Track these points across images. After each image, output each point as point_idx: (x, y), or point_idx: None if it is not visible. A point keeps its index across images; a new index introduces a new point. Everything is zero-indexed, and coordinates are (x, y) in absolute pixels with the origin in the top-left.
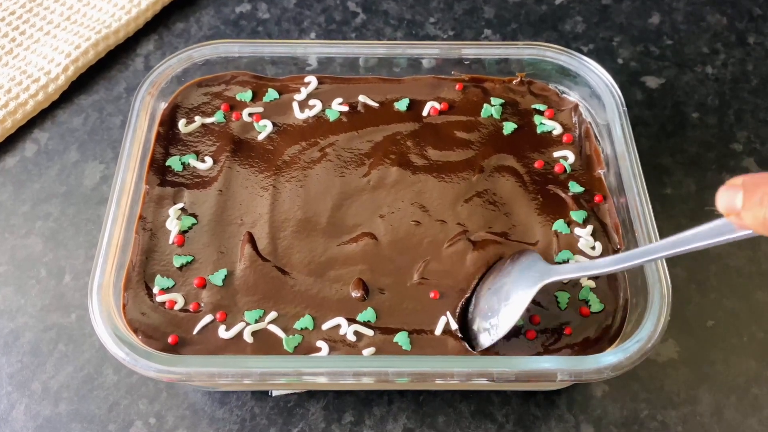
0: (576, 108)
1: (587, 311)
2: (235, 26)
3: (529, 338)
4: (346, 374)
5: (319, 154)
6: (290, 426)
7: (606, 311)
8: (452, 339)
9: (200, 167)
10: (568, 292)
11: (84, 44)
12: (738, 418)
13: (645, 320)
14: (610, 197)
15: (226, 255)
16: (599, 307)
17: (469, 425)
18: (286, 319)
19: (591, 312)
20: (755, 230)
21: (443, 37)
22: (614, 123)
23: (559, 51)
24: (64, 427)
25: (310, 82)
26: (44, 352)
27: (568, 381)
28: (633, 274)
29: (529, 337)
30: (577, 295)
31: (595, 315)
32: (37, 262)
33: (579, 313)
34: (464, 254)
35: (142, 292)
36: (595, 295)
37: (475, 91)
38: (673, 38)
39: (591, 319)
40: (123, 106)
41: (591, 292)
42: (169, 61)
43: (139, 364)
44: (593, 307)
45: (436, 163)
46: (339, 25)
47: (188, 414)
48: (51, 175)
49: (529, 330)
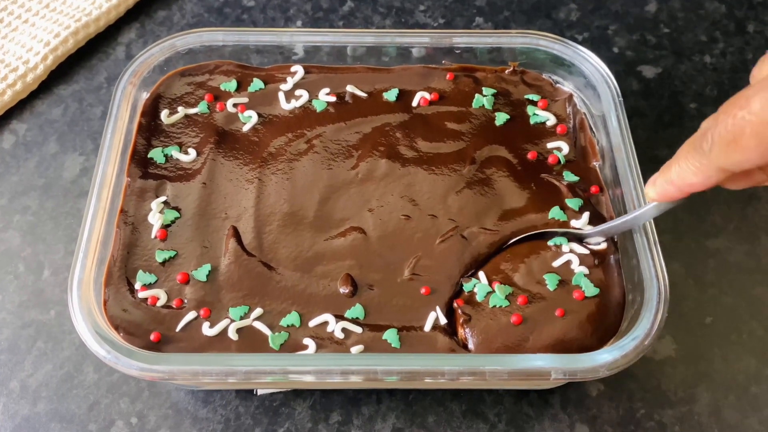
0: (570, 98)
1: (582, 295)
2: (219, 14)
3: (515, 323)
4: (334, 373)
5: (305, 146)
6: (276, 426)
7: (602, 295)
8: (442, 335)
9: (183, 159)
10: (558, 275)
11: (63, 32)
12: (737, 418)
13: (641, 317)
14: (606, 189)
15: (210, 250)
16: (594, 291)
17: (460, 425)
18: (272, 315)
19: (585, 296)
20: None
21: (433, 25)
22: (610, 114)
23: (553, 40)
24: (43, 426)
25: (297, 71)
26: (22, 350)
27: (562, 380)
28: (629, 270)
29: (515, 322)
30: (570, 281)
31: (591, 300)
32: (15, 257)
33: (572, 296)
34: (457, 251)
35: (124, 287)
36: (589, 281)
37: (467, 81)
38: (671, 26)
39: (586, 303)
40: (103, 96)
41: (585, 278)
42: (151, 50)
43: (121, 362)
44: (587, 291)
45: (427, 155)
46: (326, 12)
47: (171, 413)
48: (29, 168)
49: (516, 313)
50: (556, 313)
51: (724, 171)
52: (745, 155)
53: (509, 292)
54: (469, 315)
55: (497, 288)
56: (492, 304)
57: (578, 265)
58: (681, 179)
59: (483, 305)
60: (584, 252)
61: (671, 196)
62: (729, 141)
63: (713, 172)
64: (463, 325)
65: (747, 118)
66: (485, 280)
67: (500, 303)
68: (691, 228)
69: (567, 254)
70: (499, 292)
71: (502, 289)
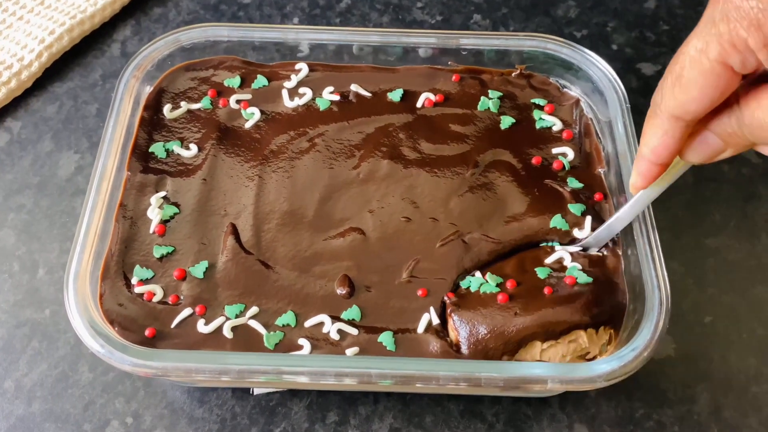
0: (577, 103)
1: (573, 280)
2: (215, 11)
3: (501, 302)
4: (328, 374)
5: (307, 145)
6: (272, 426)
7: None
8: (434, 337)
9: (184, 154)
10: (549, 269)
11: (58, 29)
12: (737, 418)
13: (642, 327)
14: (610, 197)
15: (208, 246)
16: (587, 279)
17: (457, 425)
18: (267, 314)
19: (577, 282)
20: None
21: (431, 22)
22: (617, 120)
23: (561, 43)
24: (38, 426)
25: (301, 69)
26: (17, 349)
27: (558, 388)
28: (631, 280)
29: (502, 300)
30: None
31: (582, 287)
32: (10, 256)
33: (563, 281)
34: (457, 255)
35: (120, 282)
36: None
37: (473, 83)
38: (670, 23)
39: (577, 289)
40: (99, 93)
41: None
42: (155, 44)
43: (114, 357)
44: (580, 278)
45: (429, 157)
46: (323, 9)
47: (166, 413)
48: (24, 166)
49: (503, 293)
50: (545, 290)
51: (677, 119)
52: (689, 92)
53: (500, 281)
54: (457, 304)
55: (488, 277)
56: (482, 291)
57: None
58: (648, 148)
59: (473, 293)
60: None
61: (650, 172)
62: (673, 81)
63: (668, 124)
64: (451, 314)
65: (684, 51)
66: (479, 275)
67: (490, 290)
68: (690, 226)
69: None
70: (491, 280)
71: (493, 278)
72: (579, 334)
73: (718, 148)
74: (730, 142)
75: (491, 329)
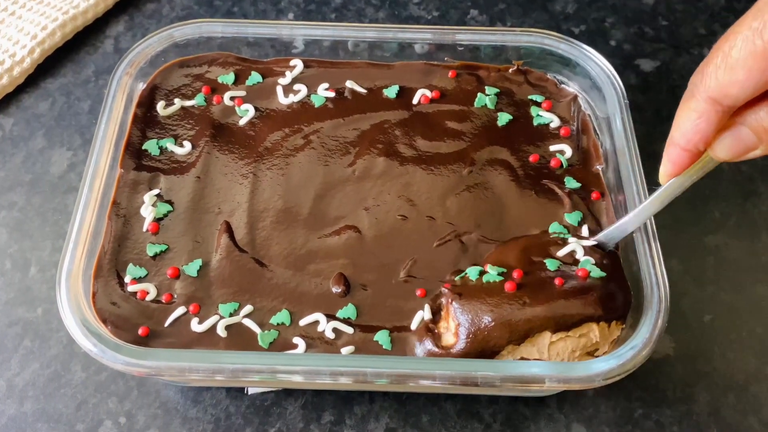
0: (575, 99)
1: (586, 273)
2: (209, 6)
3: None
4: (323, 373)
5: (302, 142)
6: (267, 426)
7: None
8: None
9: (178, 152)
10: (559, 262)
11: (51, 25)
12: (736, 418)
13: (640, 326)
14: (608, 194)
15: (202, 245)
16: (600, 274)
17: (454, 425)
18: (262, 313)
19: (590, 275)
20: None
21: (427, 17)
22: (615, 116)
23: (558, 39)
24: (30, 426)
25: (296, 65)
26: (9, 348)
27: (556, 387)
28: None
29: (509, 289)
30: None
31: (595, 280)
32: (2, 254)
33: (575, 274)
34: (454, 255)
35: (113, 280)
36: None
37: (469, 79)
38: (669, 19)
39: (590, 281)
40: (92, 90)
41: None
42: (148, 40)
43: (107, 356)
44: (593, 272)
45: (426, 155)
46: (318, 5)
47: (160, 413)
48: (16, 163)
49: (511, 281)
50: (556, 281)
51: (715, 102)
52: (735, 74)
53: (502, 271)
54: (459, 292)
55: (489, 268)
56: (485, 280)
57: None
58: (680, 132)
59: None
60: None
61: (680, 159)
62: (719, 61)
63: (704, 106)
64: (451, 302)
65: (736, 30)
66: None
67: (493, 279)
68: (689, 224)
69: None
70: (492, 271)
71: (495, 269)
72: (591, 327)
73: (751, 144)
74: (764, 139)
75: (496, 318)
